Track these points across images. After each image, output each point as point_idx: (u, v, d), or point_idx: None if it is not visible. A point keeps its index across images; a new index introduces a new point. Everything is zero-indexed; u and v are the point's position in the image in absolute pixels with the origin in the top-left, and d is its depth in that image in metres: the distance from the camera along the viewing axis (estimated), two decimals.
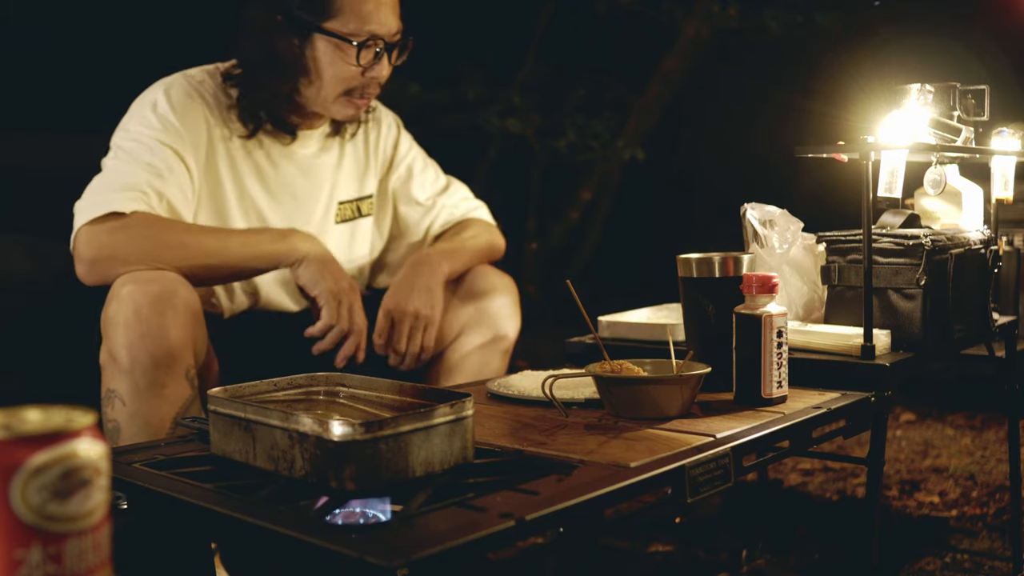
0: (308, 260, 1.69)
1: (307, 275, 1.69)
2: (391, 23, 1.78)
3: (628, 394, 1.34)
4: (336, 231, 1.95)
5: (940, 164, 1.86)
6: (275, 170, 1.86)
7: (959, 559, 2.10)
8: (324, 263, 1.70)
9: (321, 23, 1.75)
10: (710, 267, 1.51)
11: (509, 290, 1.96)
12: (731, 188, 2.73)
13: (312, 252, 1.70)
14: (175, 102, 1.76)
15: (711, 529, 2.28)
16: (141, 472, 1.12)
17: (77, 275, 1.66)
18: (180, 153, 1.74)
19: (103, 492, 0.68)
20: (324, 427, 0.99)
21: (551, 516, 0.95)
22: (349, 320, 1.69)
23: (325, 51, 1.76)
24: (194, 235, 1.69)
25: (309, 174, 1.90)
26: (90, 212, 1.64)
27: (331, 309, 1.67)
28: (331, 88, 1.79)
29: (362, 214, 2.00)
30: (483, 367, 1.92)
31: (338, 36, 1.75)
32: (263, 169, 1.85)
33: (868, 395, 1.48)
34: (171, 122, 1.74)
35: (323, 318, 1.67)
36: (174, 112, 1.75)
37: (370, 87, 1.81)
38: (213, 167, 1.80)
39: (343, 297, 1.69)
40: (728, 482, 1.17)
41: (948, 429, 3.28)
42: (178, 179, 1.73)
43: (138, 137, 1.73)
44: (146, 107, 1.76)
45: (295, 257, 1.70)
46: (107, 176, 1.70)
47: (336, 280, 1.69)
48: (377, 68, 1.79)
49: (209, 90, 1.81)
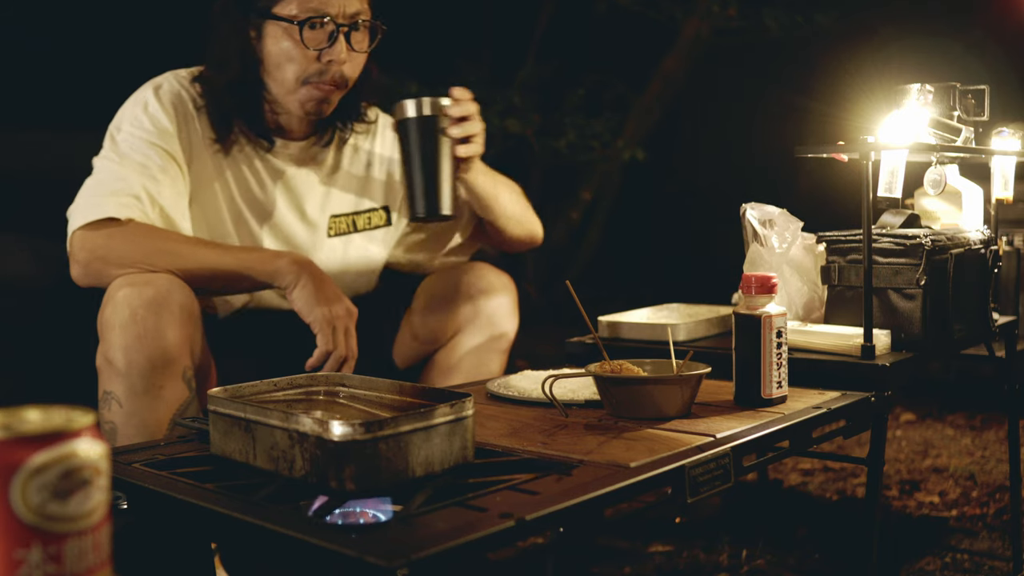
0: (302, 284, 1.65)
1: (301, 300, 1.65)
2: (343, 3, 1.74)
3: (628, 394, 1.34)
4: (328, 245, 1.92)
5: (940, 164, 1.86)
6: (257, 180, 1.84)
7: (959, 559, 2.10)
8: (319, 287, 1.66)
9: (271, 8, 1.73)
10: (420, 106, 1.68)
11: (508, 289, 1.95)
12: (731, 188, 2.74)
13: (306, 275, 1.66)
14: (165, 102, 1.76)
15: (711, 529, 2.28)
16: (141, 472, 1.12)
17: (72, 277, 1.66)
18: (172, 153, 1.74)
19: (103, 492, 0.68)
20: (324, 427, 0.99)
21: (551, 516, 0.95)
22: (345, 346, 1.67)
23: (274, 36, 1.75)
24: (190, 245, 1.68)
25: (291, 186, 1.88)
26: (85, 216, 1.64)
27: (326, 336, 1.64)
28: (287, 77, 1.76)
29: (357, 229, 1.96)
30: (481, 366, 1.91)
31: (283, 19, 1.73)
32: (246, 178, 1.83)
33: (868, 395, 1.48)
34: (162, 122, 1.74)
35: (319, 345, 1.65)
36: (164, 112, 1.75)
37: (328, 73, 1.76)
38: (202, 167, 1.80)
39: (337, 323, 1.65)
40: (728, 482, 1.17)
41: (948, 429, 3.29)
42: (172, 179, 1.73)
43: (130, 138, 1.72)
44: (138, 107, 1.76)
45: (288, 279, 1.66)
46: (101, 179, 1.69)
47: (330, 305, 1.65)
48: (332, 51, 1.75)
49: (196, 91, 1.80)
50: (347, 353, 1.66)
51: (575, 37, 5.71)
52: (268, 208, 1.86)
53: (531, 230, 2.02)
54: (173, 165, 1.74)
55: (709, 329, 1.84)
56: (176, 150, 1.75)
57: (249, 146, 1.84)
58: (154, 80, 1.81)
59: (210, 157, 1.80)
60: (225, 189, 1.82)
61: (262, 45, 1.76)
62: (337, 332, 1.65)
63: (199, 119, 1.79)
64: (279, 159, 1.86)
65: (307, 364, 1.65)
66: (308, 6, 1.72)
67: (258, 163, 1.85)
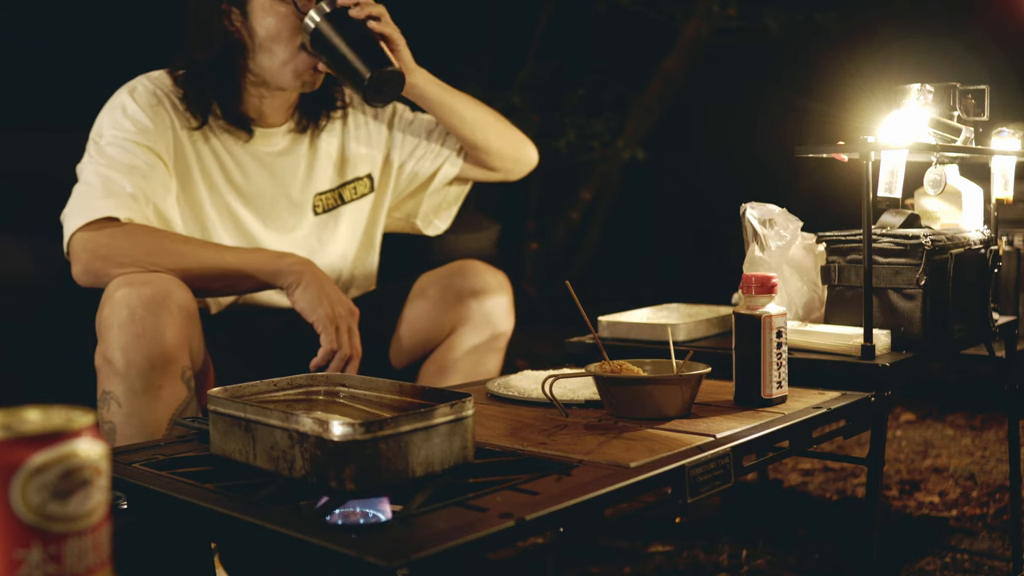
0: (304, 284, 1.67)
1: (304, 301, 1.66)
2: None
3: (628, 394, 1.34)
4: (315, 223, 1.95)
5: (940, 164, 1.86)
6: (240, 168, 1.86)
7: (959, 559, 2.10)
8: (321, 288, 1.67)
9: None
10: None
11: (504, 288, 1.95)
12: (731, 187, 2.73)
13: (307, 275, 1.68)
14: (142, 103, 1.78)
15: (711, 529, 2.28)
16: (141, 472, 1.12)
17: (72, 276, 1.67)
18: (157, 151, 1.75)
19: (103, 492, 0.68)
20: (324, 427, 0.99)
21: (551, 516, 0.95)
22: (350, 345, 1.68)
23: (264, 8, 1.76)
24: (191, 245, 1.69)
25: (275, 173, 1.90)
26: (84, 216, 1.65)
27: (329, 335, 1.65)
28: (278, 51, 1.78)
29: (344, 201, 1.98)
30: (478, 366, 1.91)
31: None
32: (228, 168, 1.85)
33: (868, 395, 1.48)
34: (142, 122, 1.75)
35: (323, 344, 1.66)
36: (143, 111, 1.77)
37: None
38: (183, 164, 1.81)
39: (340, 323, 1.67)
40: (728, 482, 1.17)
41: (948, 429, 3.29)
42: (160, 177, 1.75)
43: (114, 140, 1.73)
44: (116, 111, 1.77)
45: (290, 279, 1.68)
46: (92, 183, 1.70)
47: (333, 305, 1.67)
48: None
49: (168, 87, 1.82)
50: (351, 352, 1.67)
51: (575, 37, 5.71)
52: (251, 194, 1.88)
53: (515, 142, 2.05)
54: (159, 162, 1.76)
55: (709, 329, 1.84)
56: (160, 147, 1.76)
57: (228, 135, 1.85)
58: (127, 84, 1.82)
59: (191, 149, 1.82)
60: (207, 178, 1.84)
61: (249, 23, 1.78)
62: (341, 331, 1.66)
63: (176, 113, 1.81)
64: (259, 146, 1.89)
65: (312, 364, 1.66)
66: None
67: (239, 151, 1.87)
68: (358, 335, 1.69)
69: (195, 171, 1.82)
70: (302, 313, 1.67)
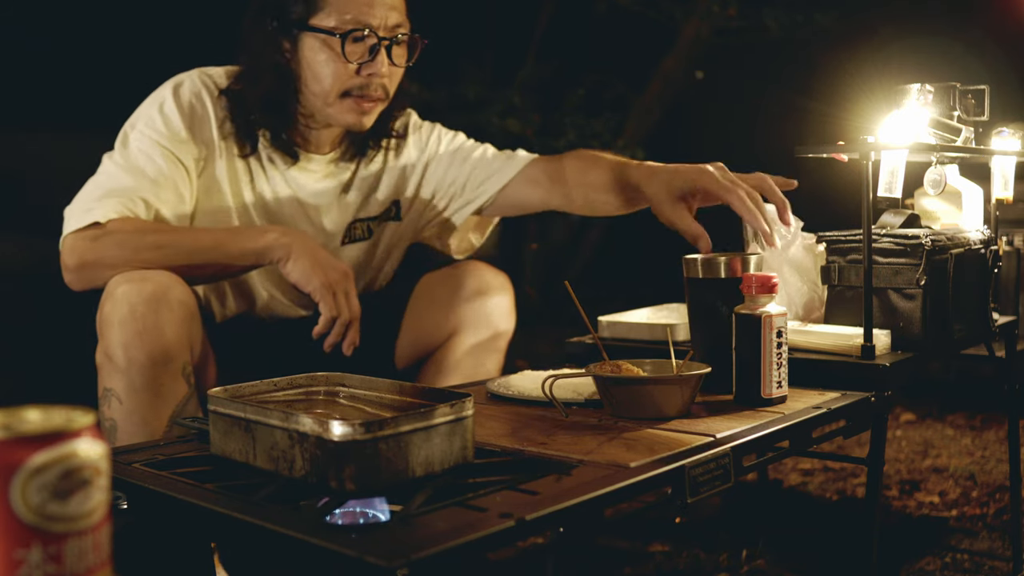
0: (295, 256, 1.63)
1: (297, 272, 1.63)
2: (384, 15, 1.72)
3: (628, 394, 1.34)
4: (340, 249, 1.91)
5: (940, 164, 1.86)
6: (273, 192, 1.83)
7: (959, 559, 2.10)
8: (312, 257, 1.64)
9: (308, 20, 1.71)
10: (715, 268, 1.50)
11: (505, 288, 1.95)
12: None
13: (296, 246, 1.64)
14: (183, 103, 1.74)
15: (711, 529, 2.28)
16: (141, 472, 1.12)
17: (65, 282, 1.66)
18: (180, 158, 1.72)
19: (103, 492, 0.67)
20: (324, 427, 0.99)
21: (551, 516, 0.95)
22: (348, 309, 1.66)
23: (313, 48, 1.72)
24: (167, 235, 1.65)
25: (309, 201, 1.86)
26: (78, 220, 1.64)
27: (328, 303, 1.63)
28: (326, 90, 1.73)
29: (371, 233, 1.95)
30: (479, 366, 1.91)
31: (323, 31, 1.70)
32: (261, 189, 1.82)
33: (868, 395, 1.48)
34: (175, 125, 1.72)
35: (323, 312, 1.64)
36: (180, 114, 1.73)
37: (370, 87, 1.74)
38: (216, 173, 1.77)
39: (337, 288, 1.64)
40: (728, 482, 1.17)
41: (948, 429, 3.29)
42: (174, 185, 1.71)
43: (140, 137, 1.71)
44: (154, 107, 1.74)
45: (279, 253, 1.64)
46: (100, 181, 1.69)
47: (326, 272, 1.64)
48: (374, 65, 1.73)
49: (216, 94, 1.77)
50: (351, 316, 1.66)
51: (575, 37, 5.71)
52: (278, 218, 1.84)
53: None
54: (179, 170, 1.72)
55: None
56: (185, 155, 1.73)
57: (270, 157, 1.81)
58: (177, 77, 1.78)
59: (226, 164, 1.78)
60: (238, 197, 1.80)
61: (298, 58, 1.74)
62: (338, 296, 1.65)
63: (219, 124, 1.76)
64: (301, 173, 1.84)
65: (314, 331, 1.65)
66: (348, 18, 1.70)
67: (277, 175, 1.83)
68: (355, 297, 1.67)
69: (226, 184, 1.78)
70: (297, 284, 1.64)
